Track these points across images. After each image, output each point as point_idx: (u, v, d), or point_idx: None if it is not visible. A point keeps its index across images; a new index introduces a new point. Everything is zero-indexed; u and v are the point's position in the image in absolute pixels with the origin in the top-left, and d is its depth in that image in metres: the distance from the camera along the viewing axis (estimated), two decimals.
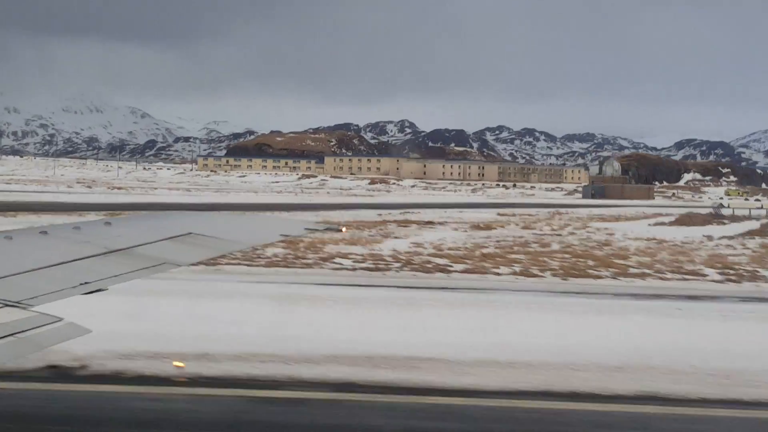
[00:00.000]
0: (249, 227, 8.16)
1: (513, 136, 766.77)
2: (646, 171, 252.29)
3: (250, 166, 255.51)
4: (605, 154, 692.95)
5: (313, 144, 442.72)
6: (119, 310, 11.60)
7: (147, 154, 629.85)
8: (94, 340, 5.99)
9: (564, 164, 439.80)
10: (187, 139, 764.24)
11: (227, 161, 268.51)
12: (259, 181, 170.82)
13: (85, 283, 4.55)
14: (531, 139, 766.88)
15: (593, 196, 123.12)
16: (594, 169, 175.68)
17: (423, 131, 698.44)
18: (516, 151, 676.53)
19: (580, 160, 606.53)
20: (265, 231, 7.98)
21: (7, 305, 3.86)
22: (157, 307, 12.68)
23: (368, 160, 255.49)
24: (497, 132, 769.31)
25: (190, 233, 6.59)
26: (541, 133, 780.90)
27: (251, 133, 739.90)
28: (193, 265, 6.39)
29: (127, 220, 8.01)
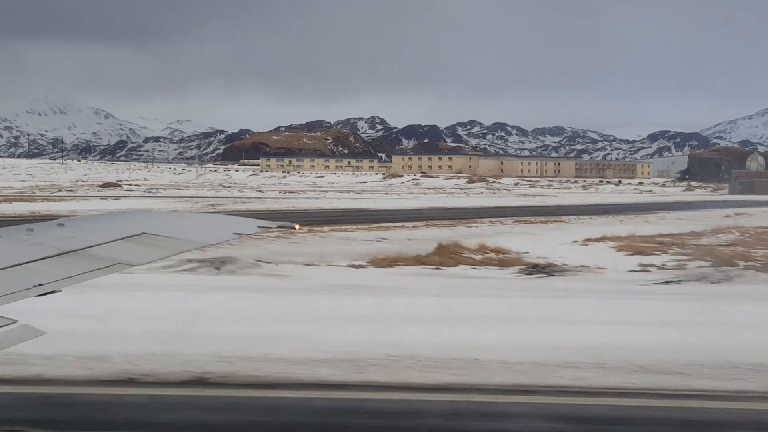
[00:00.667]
0: (202, 226, 8.22)
1: (485, 131, 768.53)
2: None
3: (313, 166, 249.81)
4: (578, 147, 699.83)
5: (310, 142, 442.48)
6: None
7: (118, 155, 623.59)
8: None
9: (634, 159, 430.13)
10: (157, 139, 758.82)
11: (289, 162, 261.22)
12: (346, 182, 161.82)
13: (39, 285, 4.61)
14: (503, 134, 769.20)
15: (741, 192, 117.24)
16: (658, 164, 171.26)
17: (395, 127, 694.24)
18: (489, 145, 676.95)
19: (554, 154, 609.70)
20: (218, 229, 8.04)
21: None
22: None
23: (439, 158, 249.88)
24: (468, 127, 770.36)
25: (144, 233, 6.64)
26: (513, 127, 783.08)
27: (221, 132, 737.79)
28: (145, 264, 6.45)
29: (79, 221, 8.01)
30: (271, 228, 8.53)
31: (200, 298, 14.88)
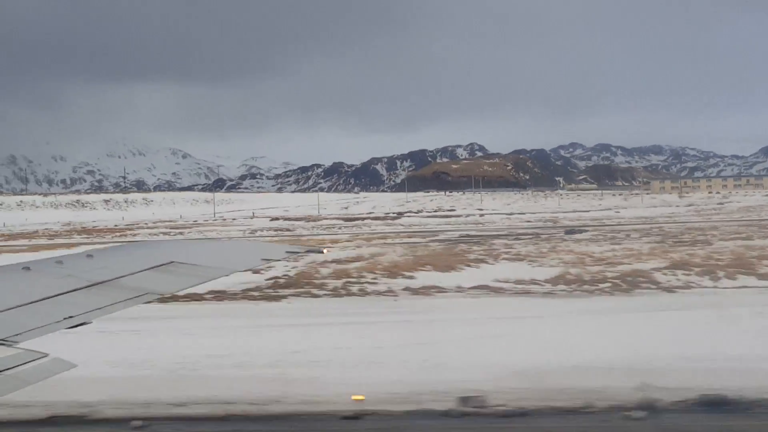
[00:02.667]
0: (230, 253, 8.21)
1: (589, 152, 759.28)
2: None
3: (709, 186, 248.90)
4: (689, 164, 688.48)
5: (490, 169, 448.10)
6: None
7: (239, 188, 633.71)
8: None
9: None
10: (254, 176, 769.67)
11: (685, 183, 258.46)
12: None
13: (70, 317, 4.61)
14: (608, 154, 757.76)
15: None
16: None
17: (497, 153, 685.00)
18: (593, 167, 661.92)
19: (665, 172, 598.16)
20: (246, 256, 8.02)
21: None
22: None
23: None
24: (570, 149, 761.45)
25: (172, 262, 6.64)
26: (617, 147, 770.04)
27: (318, 165, 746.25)
28: (175, 293, 6.43)
29: (109, 252, 8.04)
30: (299, 253, 8.51)
31: None
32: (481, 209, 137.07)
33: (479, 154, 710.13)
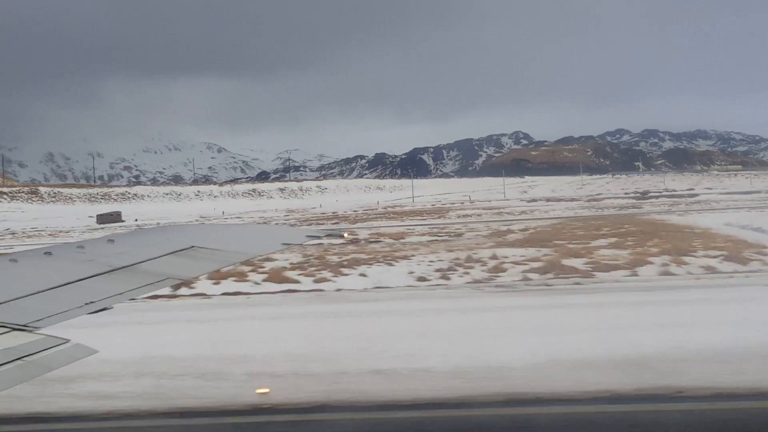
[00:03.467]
0: (250, 237, 8.20)
1: (636, 138, 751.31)
2: None
3: None
4: (741, 149, 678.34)
5: (570, 155, 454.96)
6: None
7: (285, 180, 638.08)
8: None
9: None
10: (297, 168, 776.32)
11: None
12: None
13: (90, 302, 4.60)
14: (656, 140, 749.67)
15: None
16: None
17: (544, 140, 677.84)
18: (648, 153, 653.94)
19: (727, 156, 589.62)
20: (266, 240, 8.01)
21: (13, 329, 3.91)
22: None
23: None
24: (617, 135, 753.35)
25: (193, 246, 6.63)
26: (665, 133, 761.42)
27: (361, 157, 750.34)
28: (195, 278, 6.43)
29: (130, 237, 8.05)
30: (319, 237, 8.48)
31: None
32: (709, 188, 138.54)
33: (524, 142, 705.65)
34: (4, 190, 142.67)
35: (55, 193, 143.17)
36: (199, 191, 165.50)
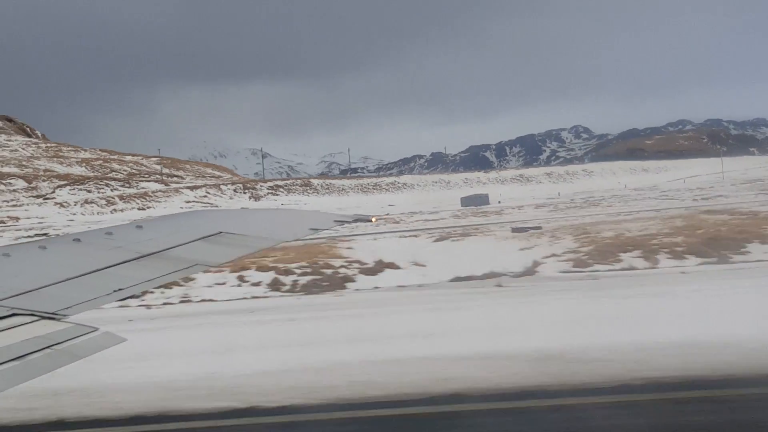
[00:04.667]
0: (277, 222, 8.16)
1: (699, 127, 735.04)
2: None
3: None
4: None
5: (686, 143, 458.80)
6: None
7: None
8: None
9: None
10: (354, 170, 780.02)
11: None
12: None
13: (119, 289, 4.58)
14: (720, 129, 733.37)
15: None
16: None
17: (607, 134, 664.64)
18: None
19: None
20: (294, 225, 7.96)
21: (42, 317, 3.90)
22: None
23: None
24: (679, 126, 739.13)
25: (221, 232, 6.60)
26: (729, 122, 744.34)
27: (419, 156, 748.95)
28: (223, 265, 6.42)
29: (158, 222, 8.05)
30: (347, 222, 8.42)
31: None
32: None
33: (585, 136, 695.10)
34: (280, 183, 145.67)
35: (327, 185, 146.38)
36: (467, 178, 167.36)
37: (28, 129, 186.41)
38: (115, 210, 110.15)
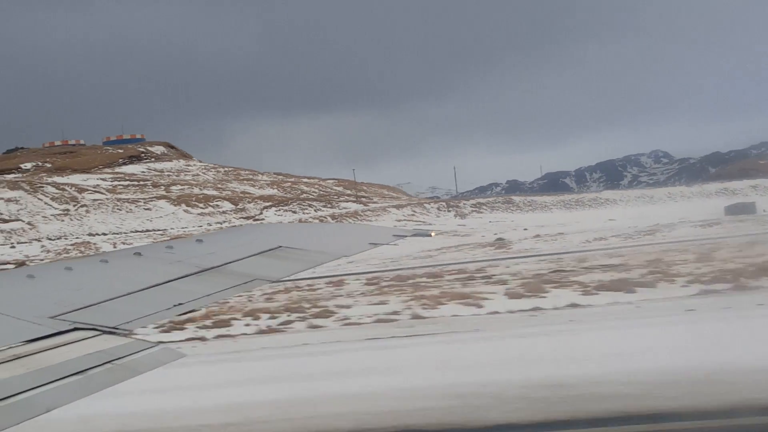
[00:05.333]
0: (336, 237, 8.13)
1: None
2: None
3: None
4: None
5: None
6: None
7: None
8: None
9: None
10: (435, 197, 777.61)
11: None
12: None
13: (179, 304, 4.57)
14: None
15: None
16: None
17: (689, 158, 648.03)
18: None
19: None
20: (353, 240, 7.92)
21: (104, 332, 3.90)
22: None
23: None
24: (762, 149, 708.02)
25: (280, 246, 6.57)
26: None
27: (495, 185, 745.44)
28: (281, 280, 6.37)
29: (217, 236, 8.11)
30: (406, 237, 8.34)
31: None
32: None
33: (665, 160, 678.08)
34: (482, 201, 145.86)
35: (529, 201, 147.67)
36: (670, 192, 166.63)
37: (184, 153, 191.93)
38: None
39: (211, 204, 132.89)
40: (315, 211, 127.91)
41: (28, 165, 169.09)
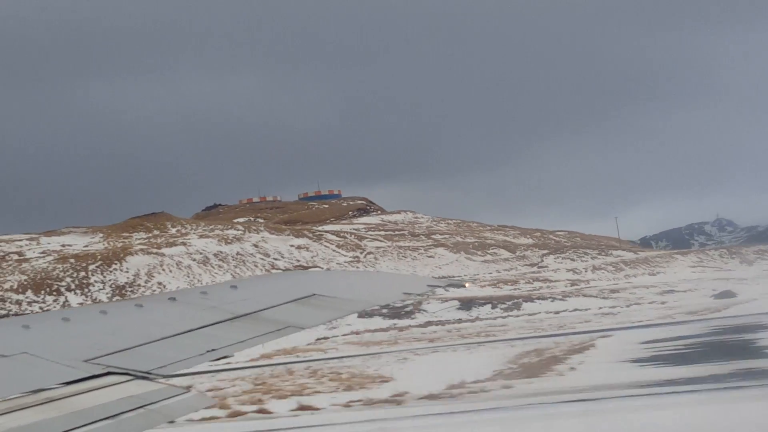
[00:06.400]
0: (371, 285, 8.09)
1: None
2: None
3: None
4: None
5: None
6: None
7: None
8: None
9: None
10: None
11: None
12: None
13: (212, 350, 4.56)
14: None
15: None
16: None
17: (756, 225, 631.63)
18: None
19: None
20: (387, 289, 7.86)
21: (137, 377, 3.89)
22: None
23: None
24: None
25: (314, 294, 6.55)
26: None
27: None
28: (315, 326, 6.36)
29: (252, 282, 8.12)
30: (440, 287, 8.29)
31: None
32: None
33: (729, 228, 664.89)
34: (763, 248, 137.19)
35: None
36: None
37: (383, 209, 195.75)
38: (627, 275, 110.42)
39: (489, 252, 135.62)
40: (592, 258, 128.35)
41: (241, 219, 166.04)
